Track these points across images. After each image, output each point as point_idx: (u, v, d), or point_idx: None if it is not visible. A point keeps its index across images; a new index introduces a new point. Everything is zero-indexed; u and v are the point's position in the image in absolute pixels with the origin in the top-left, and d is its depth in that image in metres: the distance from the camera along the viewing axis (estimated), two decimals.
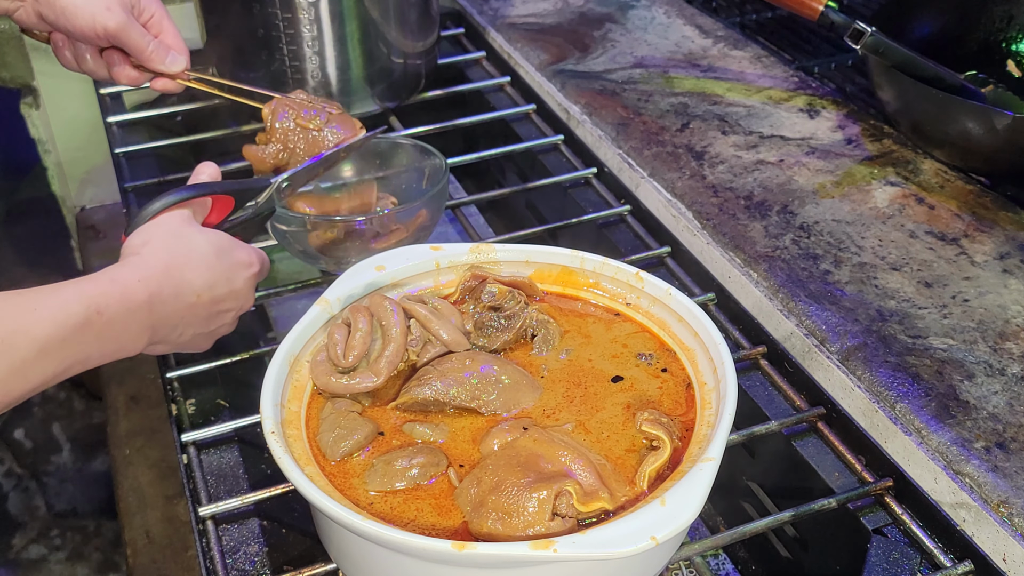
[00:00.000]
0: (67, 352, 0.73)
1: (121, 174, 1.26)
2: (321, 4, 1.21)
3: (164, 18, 1.10)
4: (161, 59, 1.08)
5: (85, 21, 1.02)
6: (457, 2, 1.63)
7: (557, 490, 0.67)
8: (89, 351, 0.75)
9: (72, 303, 0.74)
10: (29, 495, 2.07)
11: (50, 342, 0.71)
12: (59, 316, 0.72)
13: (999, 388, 0.87)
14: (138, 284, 0.79)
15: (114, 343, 0.78)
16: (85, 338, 0.74)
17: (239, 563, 0.82)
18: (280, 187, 0.99)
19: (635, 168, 1.21)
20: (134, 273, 0.80)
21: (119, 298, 0.77)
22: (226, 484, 0.88)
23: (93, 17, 1.02)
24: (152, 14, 1.08)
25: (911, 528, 0.82)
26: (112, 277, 0.78)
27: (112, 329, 0.76)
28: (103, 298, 0.76)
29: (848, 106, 1.29)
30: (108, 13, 1.02)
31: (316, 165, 1.03)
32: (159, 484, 1.13)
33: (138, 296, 0.78)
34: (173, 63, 1.09)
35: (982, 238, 1.05)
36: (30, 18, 1.06)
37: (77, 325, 0.73)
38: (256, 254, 0.91)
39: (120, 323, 0.77)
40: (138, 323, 0.79)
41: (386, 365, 0.79)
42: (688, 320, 0.83)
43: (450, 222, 1.34)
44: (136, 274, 0.80)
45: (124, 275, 0.79)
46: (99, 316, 0.75)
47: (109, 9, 1.02)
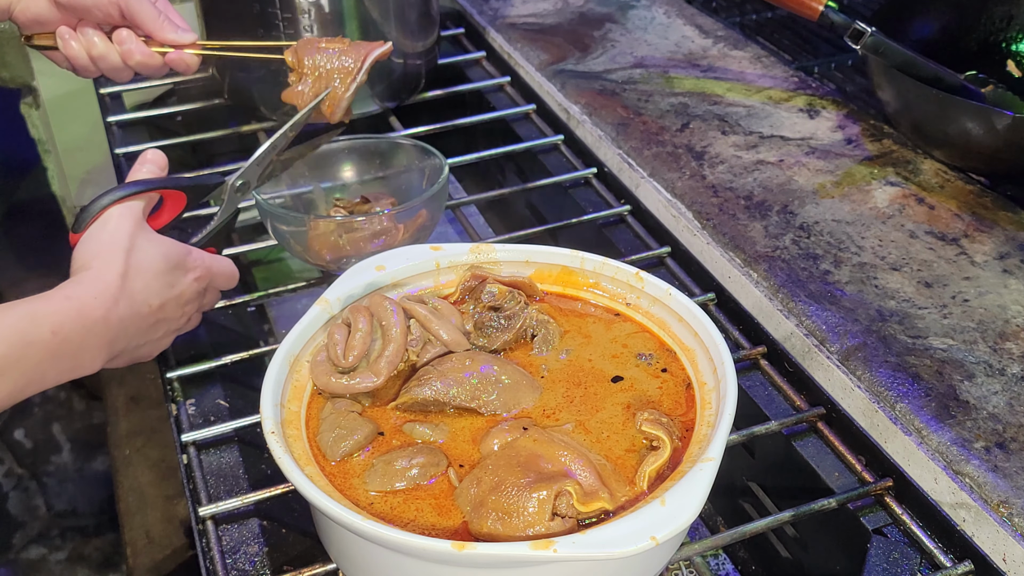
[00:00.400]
0: (22, 371, 0.72)
1: (121, 174, 1.26)
2: (321, 4, 1.21)
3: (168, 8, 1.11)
4: (173, 29, 1.09)
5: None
6: (457, 2, 1.63)
7: (557, 490, 0.67)
8: (44, 370, 0.74)
9: (25, 322, 0.73)
10: (29, 495, 2.07)
11: (4, 361, 0.71)
12: (12, 336, 0.71)
13: (999, 388, 0.87)
14: (94, 301, 0.78)
15: (71, 361, 0.77)
16: (40, 357, 0.73)
17: (239, 563, 0.82)
18: (234, 185, 0.97)
19: (635, 168, 1.21)
20: (89, 290, 0.78)
21: (75, 316, 0.76)
22: (226, 484, 0.88)
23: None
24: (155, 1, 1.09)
25: (911, 528, 0.82)
26: (67, 295, 0.77)
27: (69, 347, 0.75)
28: (58, 316, 0.75)
29: (848, 106, 1.30)
30: None
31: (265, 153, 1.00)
32: (159, 484, 1.13)
33: (94, 313, 0.77)
34: (185, 34, 1.10)
35: (982, 238, 1.05)
36: (41, 5, 1.06)
37: (31, 343, 0.72)
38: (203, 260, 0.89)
39: (77, 341, 0.76)
40: (96, 340, 0.78)
41: (386, 365, 0.79)
42: (688, 320, 0.83)
43: (450, 222, 1.34)
44: (91, 291, 0.78)
45: (78, 292, 0.78)
46: (54, 336, 0.74)
47: None
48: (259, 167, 1.00)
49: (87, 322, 0.77)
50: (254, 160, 0.99)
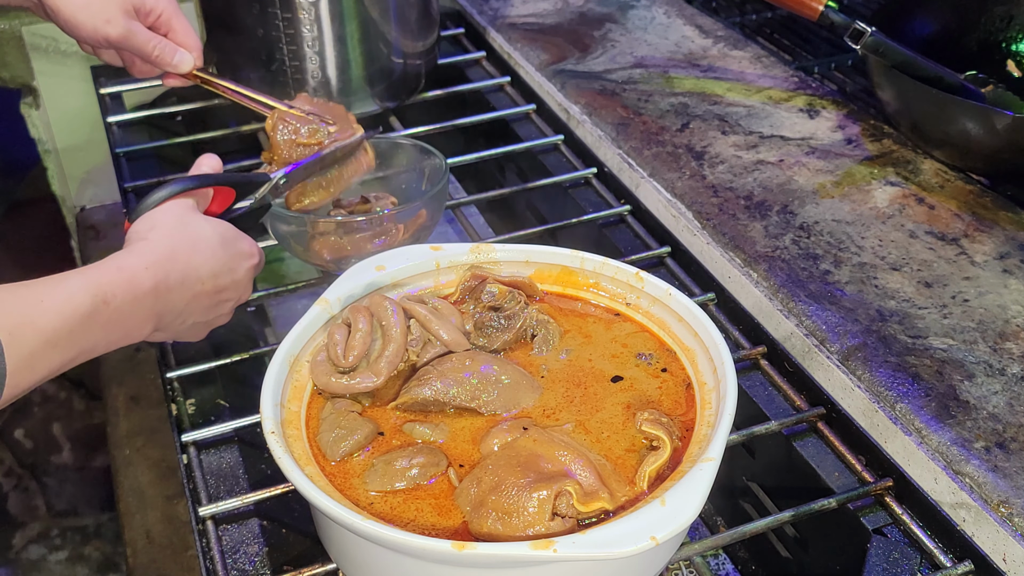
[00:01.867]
0: (74, 342, 0.73)
1: (121, 174, 1.26)
2: (321, 4, 1.21)
3: (173, 16, 1.11)
4: (168, 60, 1.11)
5: (88, 32, 1.06)
6: (457, 2, 1.63)
7: (557, 490, 0.67)
8: (96, 340, 0.75)
9: (79, 293, 0.73)
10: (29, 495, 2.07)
11: (57, 334, 0.71)
12: (66, 307, 0.72)
13: (999, 388, 0.87)
14: (145, 272, 0.79)
15: (120, 331, 0.78)
16: (92, 327, 0.74)
17: (239, 563, 0.82)
18: (278, 183, 1.00)
19: (635, 168, 1.21)
20: (140, 260, 0.80)
21: (126, 286, 0.77)
22: (226, 484, 0.88)
23: (95, 28, 1.05)
24: (160, 13, 1.10)
25: (911, 528, 0.82)
26: (119, 265, 0.78)
27: (119, 317, 0.76)
28: (110, 287, 0.75)
29: (848, 106, 1.30)
30: (108, 25, 1.05)
31: (313, 163, 1.04)
32: (159, 484, 1.13)
33: (145, 284, 0.78)
34: (180, 63, 1.12)
35: (982, 238, 1.05)
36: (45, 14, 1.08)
37: (84, 315, 0.73)
38: (257, 247, 0.92)
39: (127, 311, 0.77)
40: (144, 310, 0.79)
41: (386, 365, 0.79)
42: (688, 320, 0.83)
43: (450, 222, 1.34)
44: (143, 260, 0.80)
45: (131, 262, 0.79)
46: (106, 305, 0.75)
47: (109, 22, 1.05)
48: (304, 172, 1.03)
49: (137, 292, 0.78)
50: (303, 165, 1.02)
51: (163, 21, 1.11)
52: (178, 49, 1.11)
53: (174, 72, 1.13)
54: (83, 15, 1.04)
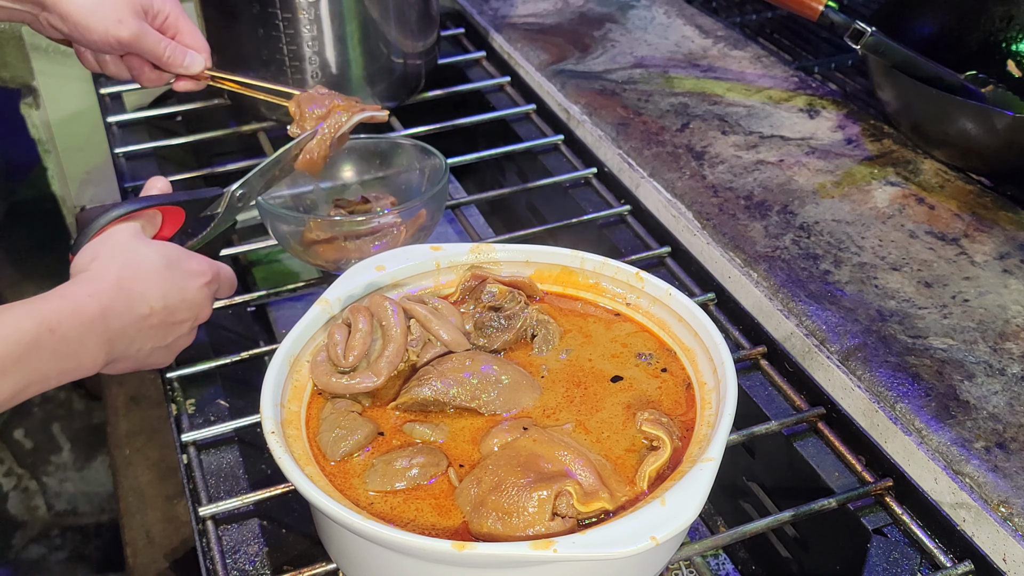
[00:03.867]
0: (22, 372, 0.72)
1: (121, 174, 1.26)
2: (321, 4, 1.21)
3: (180, 18, 1.10)
4: (179, 62, 1.10)
5: (99, 35, 1.04)
6: (457, 2, 1.63)
7: (557, 490, 0.67)
8: (45, 370, 0.75)
9: (24, 320, 0.73)
10: (29, 495, 2.07)
11: (3, 362, 0.71)
12: (12, 335, 0.72)
13: (999, 388, 0.87)
14: (89, 299, 0.78)
15: (71, 360, 0.77)
16: (40, 356, 0.74)
17: (239, 563, 0.82)
18: (235, 195, 0.96)
19: (635, 168, 1.21)
20: (83, 288, 0.79)
21: (70, 314, 0.76)
22: (226, 484, 0.88)
23: (106, 30, 1.03)
24: (167, 15, 1.09)
25: (911, 528, 0.82)
26: (62, 293, 0.78)
27: (67, 346, 0.76)
28: (54, 314, 0.75)
29: (848, 106, 1.30)
30: (120, 25, 1.03)
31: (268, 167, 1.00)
32: (159, 484, 1.13)
33: (90, 310, 0.77)
34: (191, 64, 1.11)
35: (982, 238, 1.05)
36: (46, 29, 1.07)
37: (30, 343, 0.72)
38: (210, 265, 0.90)
39: (75, 339, 0.76)
40: (94, 338, 0.78)
41: (386, 365, 0.79)
42: (688, 320, 0.83)
43: (450, 222, 1.34)
44: (86, 288, 0.79)
45: (73, 291, 0.79)
46: (51, 334, 0.74)
47: (120, 22, 1.03)
48: (262, 179, 1.00)
49: (84, 319, 0.77)
50: (257, 172, 0.99)
51: (170, 23, 1.10)
52: (188, 51, 1.10)
53: (185, 74, 1.12)
54: (94, 18, 1.02)
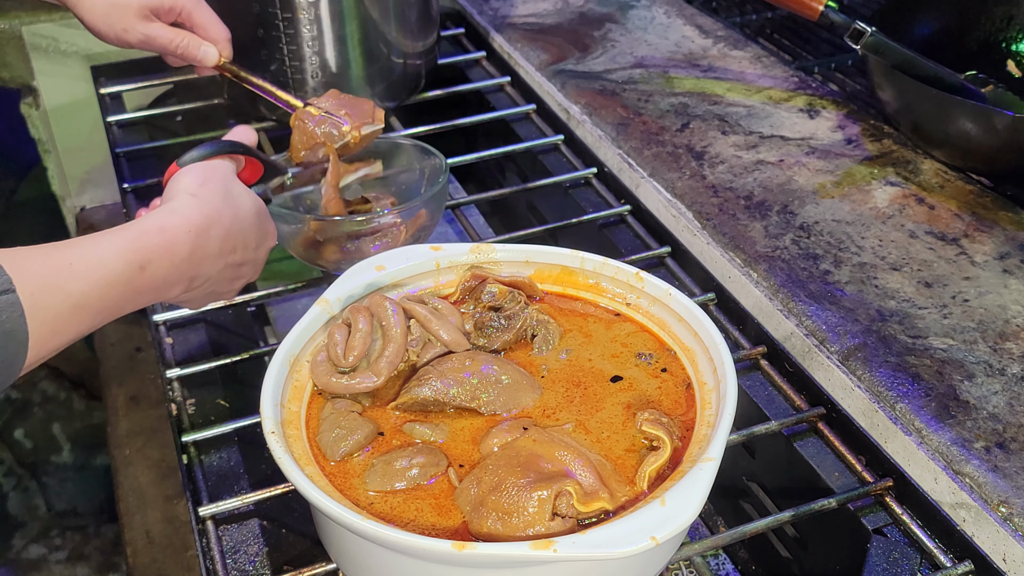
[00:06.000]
0: (104, 306, 0.71)
1: (121, 174, 1.26)
2: (321, 4, 1.21)
3: (195, 11, 1.14)
4: (193, 54, 1.13)
5: (112, 39, 1.10)
6: (457, 2, 1.63)
7: (557, 490, 0.67)
8: (126, 303, 0.74)
9: (112, 258, 0.72)
10: (29, 495, 2.07)
11: (86, 298, 0.69)
12: (97, 272, 0.70)
13: (999, 388, 0.87)
14: (186, 236, 0.77)
15: (151, 294, 0.76)
16: (124, 292, 0.73)
17: (239, 563, 0.82)
18: (286, 181, 1.00)
19: (635, 168, 1.21)
20: (185, 222, 0.78)
21: (164, 251, 0.75)
22: (226, 484, 0.88)
23: (117, 37, 1.09)
24: (180, 9, 1.13)
25: (911, 528, 0.82)
26: (162, 225, 0.76)
27: (152, 282, 0.75)
28: (148, 252, 0.74)
29: (848, 106, 1.30)
30: (127, 34, 1.09)
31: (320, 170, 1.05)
32: (159, 484, 1.13)
33: (183, 249, 0.77)
34: (204, 58, 1.14)
35: (982, 238, 1.05)
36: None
37: (116, 281, 0.71)
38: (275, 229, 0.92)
39: (162, 276, 0.76)
40: (178, 275, 0.78)
41: (386, 365, 0.79)
42: (688, 320, 0.83)
43: (450, 222, 1.34)
44: (186, 223, 0.78)
45: (175, 223, 0.77)
46: (141, 271, 0.73)
47: (127, 30, 1.08)
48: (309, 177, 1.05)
49: (176, 259, 0.76)
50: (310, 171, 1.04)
51: (185, 16, 1.13)
52: (202, 43, 1.13)
53: (201, 65, 1.15)
54: (103, 25, 1.08)
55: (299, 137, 1.06)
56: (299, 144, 1.06)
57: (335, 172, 1.06)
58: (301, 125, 1.07)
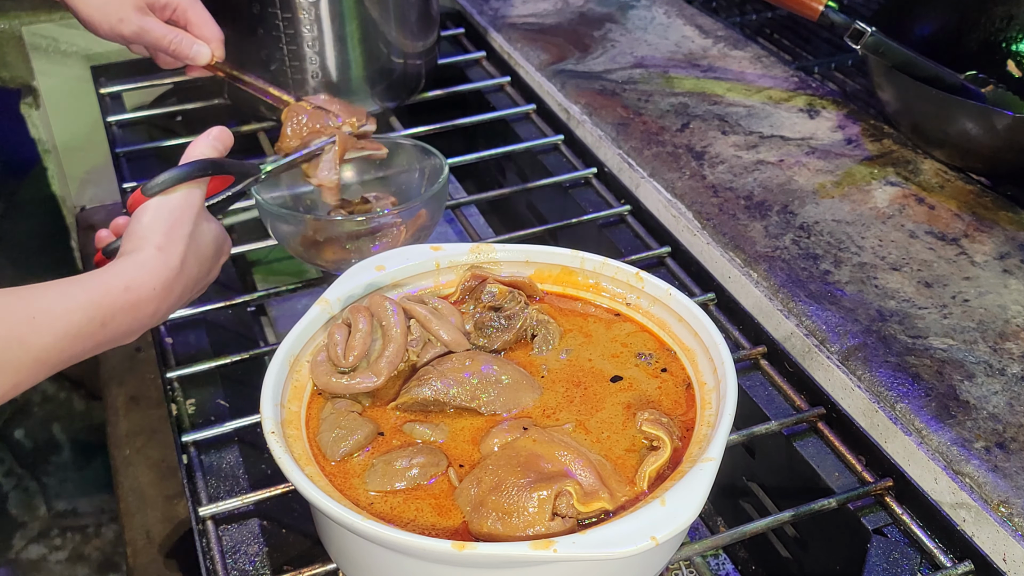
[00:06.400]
0: (63, 359, 0.71)
1: (121, 174, 1.26)
2: (321, 4, 1.21)
3: (190, 9, 1.14)
4: (185, 52, 1.14)
5: (105, 31, 1.10)
6: (457, 2, 1.63)
7: (557, 490, 0.67)
8: (83, 355, 0.73)
9: (76, 313, 0.71)
10: (29, 495, 2.07)
11: (46, 352, 0.69)
12: (59, 326, 0.70)
13: (999, 388, 0.87)
14: (151, 294, 0.76)
15: (110, 345, 0.76)
16: (84, 346, 0.72)
17: (239, 563, 0.82)
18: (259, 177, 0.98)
19: (635, 168, 1.21)
20: (151, 279, 0.77)
21: (128, 309, 0.75)
22: (226, 484, 0.88)
23: (111, 28, 1.09)
24: (176, 6, 1.13)
25: (911, 528, 0.82)
26: (127, 284, 0.75)
27: (114, 335, 0.75)
28: (111, 310, 0.73)
29: (848, 106, 1.30)
30: (121, 24, 1.09)
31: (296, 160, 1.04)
32: (159, 484, 1.13)
33: (147, 308, 0.76)
34: (197, 56, 1.15)
35: (982, 238, 1.05)
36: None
37: (78, 335, 0.71)
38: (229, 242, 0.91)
39: (123, 330, 0.75)
40: (139, 327, 0.77)
41: (386, 365, 0.79)
42: (688, 320, 0.83)
43: (450, 222, 1.34)
44: (153, 281, 0.77)
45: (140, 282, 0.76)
46: (103, 327, 0.73)
47: (122, 20, 1.09)
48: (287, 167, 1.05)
49: (139, 314, 0.76)
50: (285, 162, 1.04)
51: (180, 14, 1.14)
52: (195, 42, 1.14)
53: (193, 64, 1.16)
54: (98, 16, 1.08)
55: (290, 129, 1.07)
56: (290, 136, 1.06)
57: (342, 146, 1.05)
58: (294, 117, 1.07)
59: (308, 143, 1.06)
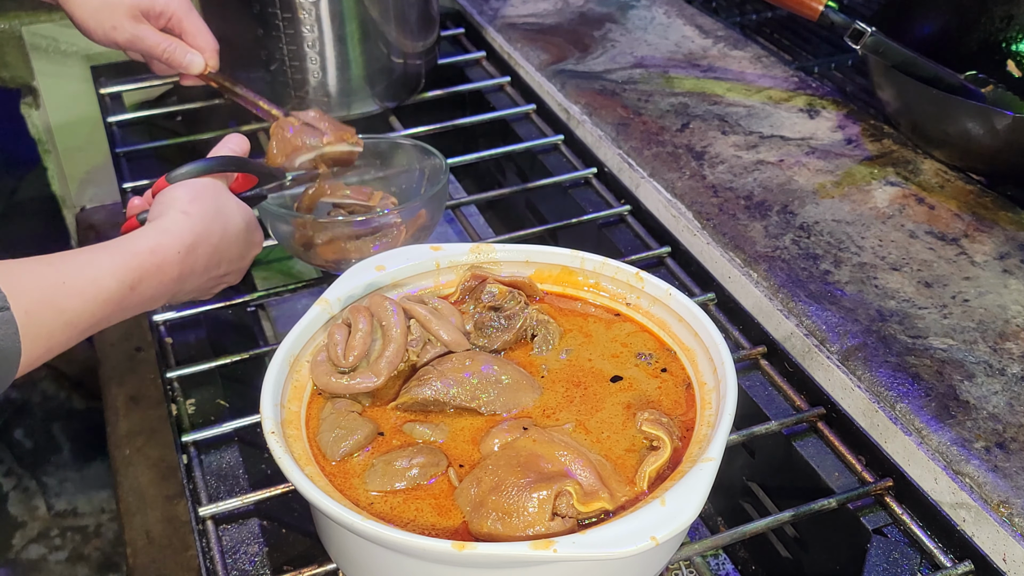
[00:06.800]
0: (93, 322, 0.73)
1: (121, 174, 1.26)
2: (321, 4, 1.21)
3: (185, 18, 1.15)
4: (179, 61, 1.15)
5: (100, 37, 1.12)
6: (457, 2, 1.63)
7: (557, 490, 0.67)
8: (114, 318, 0.76)
9: (105, 278, 0.73)
10: (29, 495, 2.07)
11: (78, 316, 0.71)
12: (90, 291, 0.72)
13: (999, 388, 0.87)
14: (176, 256, 0.79)
15: (137, 310, 0.79)
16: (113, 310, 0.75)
17: (239, 563, 0.82)
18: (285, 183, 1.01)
19: (635, 168, 1.21)
20: (176, 241, 0.80)
21: (155, 272, 0.77)
22: (226, 484, 0.88)
23: (105, 34, 1.11)
24: (171, 15, 1.14)
25: (911, 528, 0.82)
26: (152, 247, 0.78)
27: (141, 299, 0.77)
28: (139, 273, 0.76)
29: (848, 106, 1.30)
30: (115, 31, 1.11)
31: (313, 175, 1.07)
32: (159, 484, 1.13)
33: (173, 270, 0.79)
34: (190, 65, 1.16)
35: (982, 238, 1.05)
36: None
37: (108, 300, 0.73)
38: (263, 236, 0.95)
39: (150, 294, 0.78)
40: (165, 292, 0.80)
41: (386, 365, 0.79)
42: (688, 320, 0.83)
43: (450, 222, 1.34)
44: (177, 243, 0.80)
45: (166, 244, 0.79)
46: (132, 291, 0.75)
47: (115, 28, 1.10)
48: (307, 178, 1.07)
49: (165, 278, 0.79)
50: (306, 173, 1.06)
51: (175, 23, 1.15)
52: (188, 51, 1.15)
53: (186, 73, 1.17)
54: (93, 22, 1.10)
55: (277, 144, 1.08)
56: (277, 151, 1.08)
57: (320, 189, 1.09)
58: (280, 133, 1.09)
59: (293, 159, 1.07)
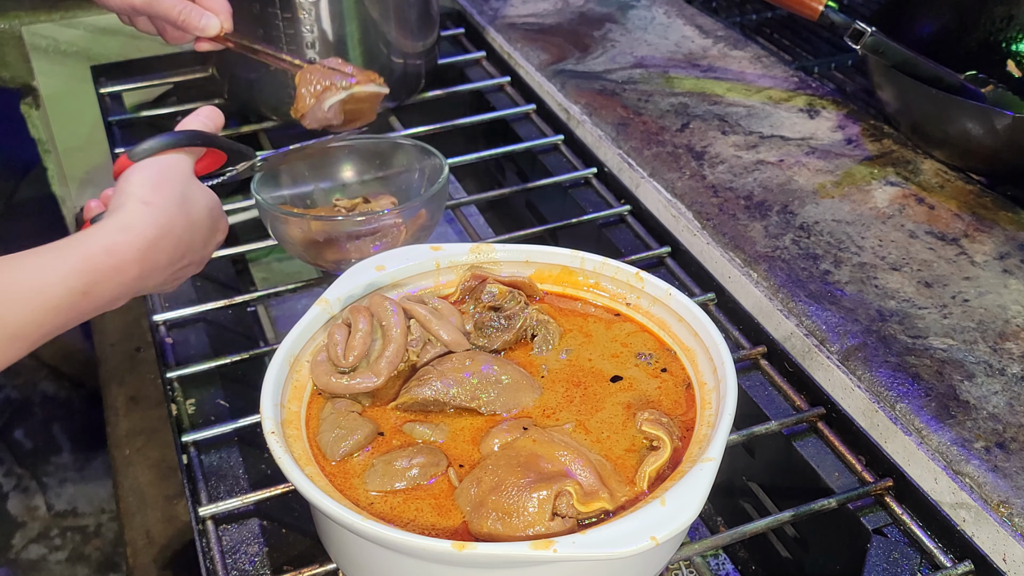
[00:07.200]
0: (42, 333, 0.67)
1: None
2: (321, 4, 1.21)
3: None
4: (195, 23, 1.13)
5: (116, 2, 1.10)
6: (457, 2, 1.63)
7: (557, 490, 0.67)
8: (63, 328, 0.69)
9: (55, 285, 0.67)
10: (29, 495, 2.07)
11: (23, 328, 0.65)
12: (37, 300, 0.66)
13: (999, 388, 0.87)
14: (135, 255, 0.72)
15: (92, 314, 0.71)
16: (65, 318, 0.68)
17: (239, 563, 0.82)
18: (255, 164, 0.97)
19: (635, 168, 1.21)
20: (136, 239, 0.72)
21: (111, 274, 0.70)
22: (226, 484, 0.88)
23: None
24: None
25: (911, 528, 0.82)
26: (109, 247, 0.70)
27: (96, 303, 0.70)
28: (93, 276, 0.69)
29: (848, 106, 1.30)
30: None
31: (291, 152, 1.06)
32: (159, 484, 1.13)
33: (131, 270, 0.72)
34: (206, 27, 1.14)
35: (982, 238, 1.05)
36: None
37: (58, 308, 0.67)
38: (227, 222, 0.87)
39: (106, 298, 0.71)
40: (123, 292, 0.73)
41: (386, 365, 0.79)
42: (688, 320, 0.83)
43: (450, 222, 1.34)
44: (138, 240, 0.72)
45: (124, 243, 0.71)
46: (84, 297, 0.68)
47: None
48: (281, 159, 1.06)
49: (123, 279, 0.71)
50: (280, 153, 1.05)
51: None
52: (204, 13, 1.14)
53: (202, 35, 1.15)
54: None
55: (306, 89, 1.08)
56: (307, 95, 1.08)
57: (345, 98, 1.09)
58: (307, 77, 1.09)
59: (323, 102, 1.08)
